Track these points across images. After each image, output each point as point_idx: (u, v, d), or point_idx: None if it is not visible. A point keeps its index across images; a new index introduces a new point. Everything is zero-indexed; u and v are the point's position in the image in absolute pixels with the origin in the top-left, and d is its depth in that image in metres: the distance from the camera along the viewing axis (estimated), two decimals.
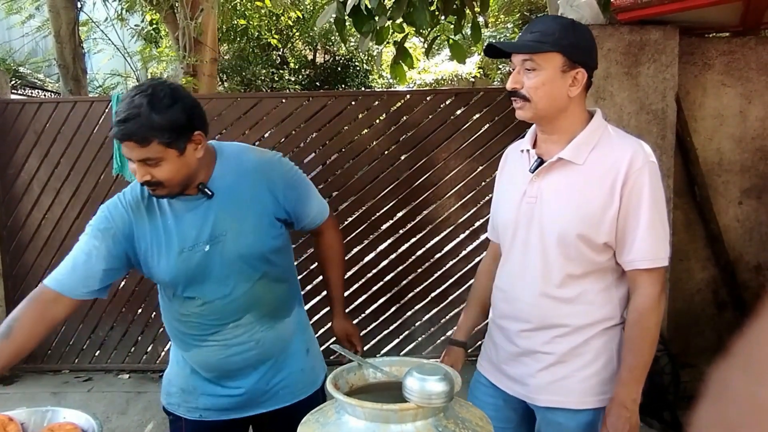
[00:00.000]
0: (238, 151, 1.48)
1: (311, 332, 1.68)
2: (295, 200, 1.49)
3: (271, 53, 10.94)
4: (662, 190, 1.35)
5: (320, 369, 1.64)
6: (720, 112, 3.56)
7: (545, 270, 1.37)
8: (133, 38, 8.34)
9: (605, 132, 1.37)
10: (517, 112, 1.37)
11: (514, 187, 1.45)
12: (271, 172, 1.46)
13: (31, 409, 1.18)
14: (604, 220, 1.31)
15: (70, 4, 5.16)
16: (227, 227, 1.38)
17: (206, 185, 1.38)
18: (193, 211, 1.39)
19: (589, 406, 1.38)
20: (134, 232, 1.38)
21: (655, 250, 1.31)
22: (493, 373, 1.53)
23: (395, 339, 3.91)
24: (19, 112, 3.72)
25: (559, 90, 1.32)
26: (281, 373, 1.51)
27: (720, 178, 3.58)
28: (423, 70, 10.49)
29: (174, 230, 1.37)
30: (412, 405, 0.96)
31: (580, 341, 1.38)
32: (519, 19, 8.92)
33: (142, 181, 1.28)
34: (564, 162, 1.35)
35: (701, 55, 3.52)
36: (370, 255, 3.88)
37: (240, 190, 1.41)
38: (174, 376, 1.54)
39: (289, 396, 1.53)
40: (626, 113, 3.30)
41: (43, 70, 9.46)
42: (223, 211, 1.39)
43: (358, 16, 2.46)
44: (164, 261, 1.37)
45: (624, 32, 3.25)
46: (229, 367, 1.46)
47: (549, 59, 1.29)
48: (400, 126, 3.81)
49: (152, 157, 1.26)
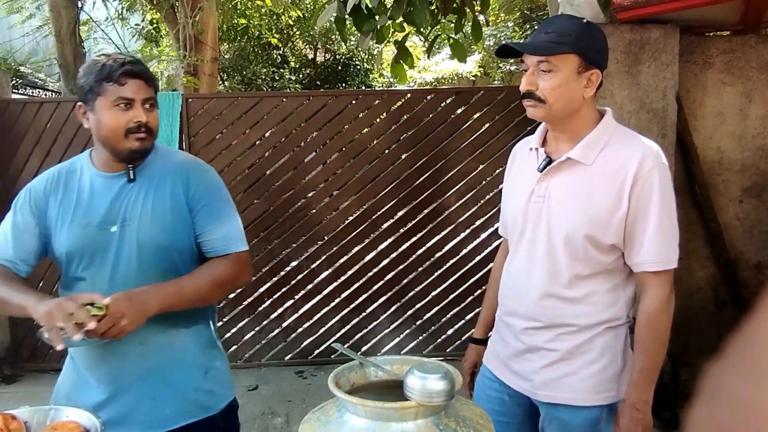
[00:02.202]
0: (171, 151, 1.55)
1: (218, 355, 1.54)
2: (203, 211, 1.42)
3: (272, 52, 10.95)
4: (672, 191, 1.33)
5: (221, 396, 1.50)
6: (720, 111, 3.56)
7: (552, 270, 1.37)
8: (133, 37, 8.35)
9: (615, 132, 1.36)
10: (529, 111, 1.35)
11: (522, 185, 1.44)
12: (192, 172, 1.46)
13: (34, 407, 1.18)
14: (612, 222, 1.30)
15: (71, 3, 5.16)
16: (137, 214, 1.38)
17: (135, 168, 1.41)
18: (110, 190, 1.40)
19: (593, 403, 1.37)
20: (48, 203, 1.42)
21: (665, 252, 1.31)
22: (499, 368, 1.53)
23: (396, 338, 3.92)
24: (20, 112, 3.72)
25: (575, 91, 1.30)
26: (170, 390, 1.41)
27: (720, 177, 3.59)
28: (423, 69, 10.50)
29: (85, 204, 1.40)
30: (413, 403, 0.97)
31: (585, 339, 1.37)
32: (519, 18, 8.91)
33: (144, 123, 1.35)
34: (573, 162, 1.34)
35: (701, 54, 3.52)
36: (370, 254, 3.88)
37: (161, 183, 1.42)
38: (62, 384, 1.49)
39: (179, 416, 1.42)
40: (626, 112, 3.31)
41: (44, 69, 9.46)
42: (138, 197, 1.40)
43: (358, 16, 2.45)
44: (66, 231, 1.38)
45: (624, 31, 3.25)
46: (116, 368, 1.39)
47: (565, 60, 1.28)
48: (400, 125, 3.82)
49: (153, 98, 1.38)
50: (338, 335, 3.90)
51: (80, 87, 1.37)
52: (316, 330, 3.92)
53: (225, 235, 1.43)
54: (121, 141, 1.35)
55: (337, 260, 3.87)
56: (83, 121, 1.40)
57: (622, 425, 1.31)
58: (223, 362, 1.56)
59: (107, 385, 1.40)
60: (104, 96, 1.33)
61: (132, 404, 1.40)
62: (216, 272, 1.40)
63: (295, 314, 3.91)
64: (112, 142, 1.36)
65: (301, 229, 3.84)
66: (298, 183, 3.84)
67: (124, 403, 1.40)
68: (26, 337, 3.82)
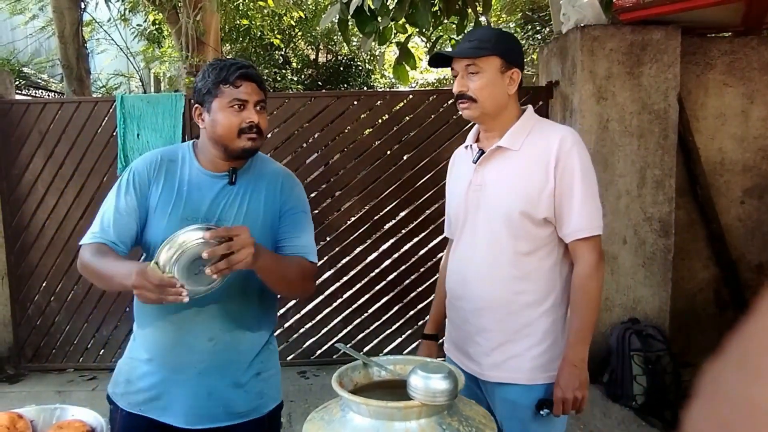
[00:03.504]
0: (265, 158, 1.60)
1: (273, 362, 1.59)
2: (290, 217, 1.51)
3: (274, 53, 10.96)
4: (592, 167, 1.50)
5: (270, 398, 1.55)
6: (722, 112, 3.56)
7: (495, 249, 1.50)
8: (135, 38, 8.36)
9: (537, 122, 1.55)
10: (465, 113, 1.53)
11: (461, 180, 1.61)
12: (285, 183, 1.54)
13: (40, 406, 1.20)
14: (542, 198, 1.46)
15: (74, 4, 5.18)
16: (233, 215, 1.43)
17: (237, 171, 1.47)
18: (210, 189, 1.45)
19: (539, 381, 1.49)
20: (151, 188, 1.45)
21: (590, 220, 1.46)
22: (455, 353, 1.64)
23: (398, 338, 3.92)
24: (23, 113, 3.74)
25: (500, 89, 1.49)
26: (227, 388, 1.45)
27: (722, 178, 3.59)
28: (425, 69, 10.50)
29: (185, 197, 1.43)
30: (417, 403, 0.98)
31: (529, 320, 1.50)
32: (521, 19, 8.92)
33: (255, 124, 1.41)
34: (503, 150, 1.51)
35: (703, 55, 3.53)
36: (372, 255, 3.89)
37: (256, 188, 1.48)
38: (124, 365, 1.51)
39: (227, 416, 1.46)
40: (628, 113, 3.31)
41: (47, 70, 9.49)
42: (236, 200, 1.45)
43: (361, 17, 2.47)
44: (164, 221, 1.41)
45: (626, 32, 3.26)
46: (180, 359, 1.42)
47: (489, 62, 1.47)
48: (402, 126, 3.82)
49: (263, 100, 1.45)
50: (340, 336, 3.91)
51: (198, 89, 1.44)
52: (318, 330, 3.92)
53: (305, 243, 1.51)
54: (234, 140, 1.41)
55: (339, 261, 3.88)
56: (198, 121, 1.45)
57: (561, 381, 1.43)
58: (276, 365, 1.59)
59: (168, 373, 1.43)
60: (220, 97, 1.40)
61: (187, 396, 1.42)
62: (302, 266, 1.46)
63: (297, 314, 3.92)
64: (225, 140, 1.41)
65: None
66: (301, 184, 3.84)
67: (179, 393, 1.43)
68: (29, 337, 3.83)
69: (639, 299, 3.38)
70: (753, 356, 0.29)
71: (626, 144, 3.32)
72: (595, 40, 3.26)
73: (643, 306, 3.38)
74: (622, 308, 3.40)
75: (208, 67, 1.45)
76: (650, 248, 3.34)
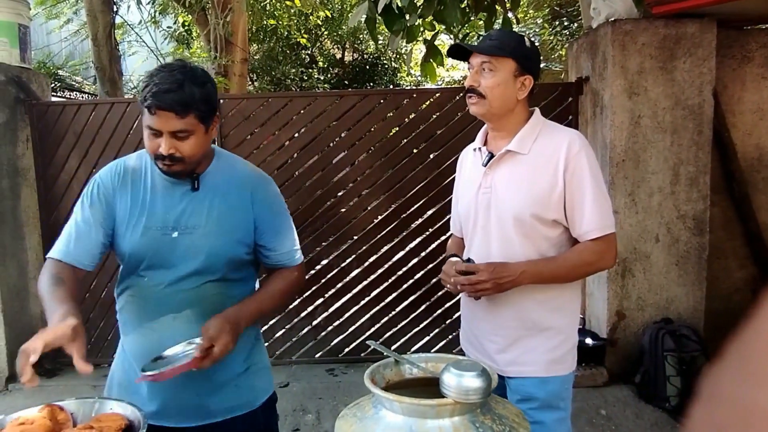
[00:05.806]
0: (233, 159, 1.54)
1: (260, 351, 1.59)
2: (269, 226, 1.48)
3: (300, 52, 11.04)
4: (599, 168, 1.55)
5: (261, 391, 1.56)
6: (760, 107, 3.46)
7: (507, 249, 1.54)
8: (165, 40, 8.50)
9: (544, 126, 1.59)
10: (472, 108, 1.57)
11: (471, 182, 1.65)
12: (258, 188, 1.49)
13: (79, 399, 1.22)
14: (552, 200, 1.50)
15: (107, 8, 5.29)
16: (201, 222, 1.40)
17: (198, 176, 1.43)
18: (172, 196, 1.42)
19: (555, 373, 1.55)
20: (116, 198, 1.43)
21: (602, 220, 1.49)
22: (471, 350, 1.69)
23: (425, 336, 3.92)
24: (59, 114, 3.83)
25: (511, 91, 1.53)
26: (215, 385, 1.46)
27: (759, 174, 3.49)
28: (452, 67, 10.46)
29: (149, 206, 1.41)
30: (450, 400, 0.97)
31: (544, 317, 1.54)
32: (549, 14, 8.80)
33: (168, 153, 1.31)
34: (512, 153, 1.55)
35: (740, 48, 3.43)
36: (400, 253, 3.89)
37: (226, 193, 1.44)
38: (115, 370, 1.53)
39: (221, 411, 1.47)
40: (661, 108, 3.24)
41: (81, 72, 9.73)
42: (203, 206, 1.42)
43: (389, 15, 2.47)
44: (131, 232, 1.40)
45: (659, 26, 3.19)
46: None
47: (505, 63, 1.51)
48: (429, 124, 3.81)
49: (185, 130, 1.31)
50: (368, 333, 3.92)
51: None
52: (346, 328, 3.94)
53: (289, 248, 1.52)
54: (155, 160, 1.37)
55: (366, 259, 3.89)
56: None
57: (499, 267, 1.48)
58: (264, 357, 1.60)
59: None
60: (143, 115, 1.34)
61: (176, 397, 1.44)
62: (286, 284, 1.51)
63: (326, 312, 3.94)
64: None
65: (330, 228, 3.87)
66: (328, 182, 3.87)
67: (168, 395, 1.44)
68: None
69: (672, 299, 3.31)
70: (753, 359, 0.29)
71: (659, 140, 3.25)
72: (627, 35, 3.20)
73: (676, 305, 3.31)
74: (654, 308, 3.33)
75: (147, 74, 1.36)
76: (684, 246, 3.26)
